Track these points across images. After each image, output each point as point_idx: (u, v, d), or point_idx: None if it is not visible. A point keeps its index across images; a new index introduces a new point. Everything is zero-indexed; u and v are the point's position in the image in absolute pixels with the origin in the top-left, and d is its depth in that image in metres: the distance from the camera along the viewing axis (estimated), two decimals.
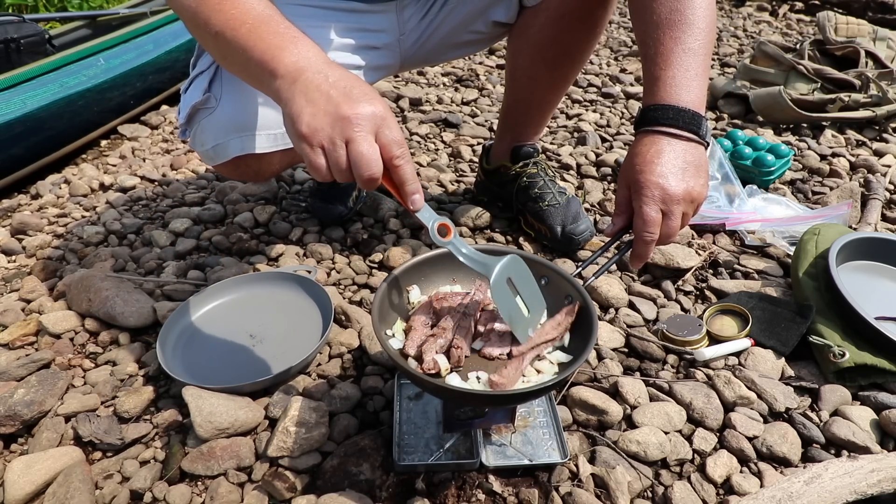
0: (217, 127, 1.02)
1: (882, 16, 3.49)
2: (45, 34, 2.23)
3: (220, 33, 0.77)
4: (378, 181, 0.68)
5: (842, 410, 0.98)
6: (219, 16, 0.77)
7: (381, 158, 0.67)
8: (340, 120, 0.66)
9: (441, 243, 0.71)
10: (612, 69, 2.74)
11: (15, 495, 0.82)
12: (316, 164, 0.67)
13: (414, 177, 0.70)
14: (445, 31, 1.24)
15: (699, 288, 1.29)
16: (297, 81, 0.70)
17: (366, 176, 0.66)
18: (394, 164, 0.68)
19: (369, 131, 0.67)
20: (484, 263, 0.74)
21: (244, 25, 0.75)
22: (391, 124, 0.69)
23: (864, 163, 1.83)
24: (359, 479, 0.84)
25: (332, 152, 0.67)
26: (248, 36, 0.74)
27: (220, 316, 1.15)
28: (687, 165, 0.85)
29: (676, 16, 0.89)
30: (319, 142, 0.67)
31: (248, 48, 0.74)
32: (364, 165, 0.66)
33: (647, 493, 0.86)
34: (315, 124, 0.67)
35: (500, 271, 0.74)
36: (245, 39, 0.74)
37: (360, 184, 0.68)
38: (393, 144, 0.68)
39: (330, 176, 0.68)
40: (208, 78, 1.05)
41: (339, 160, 0.67)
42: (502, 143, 1.50)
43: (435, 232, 0.71)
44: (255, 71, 0.74)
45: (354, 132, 0.66)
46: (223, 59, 0.85)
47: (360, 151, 0.66)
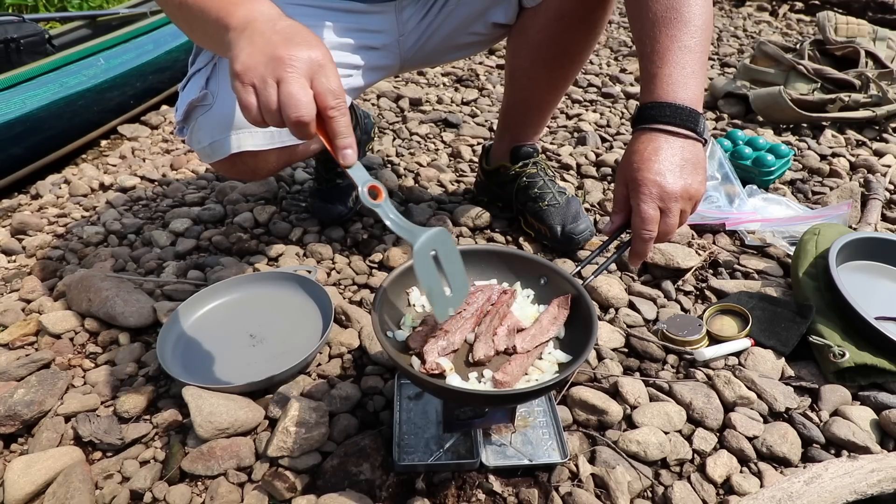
0: (213, 124, 1.02)
1: (882, 16, 3.49)
2: (45, 34, 2.23)
3: (183, 2, 0.79)
4: (308, 126, 0.66)
5: (842, 410, 0.97)
6: None
7: (316, 107, 0.66)
8: (274, 59, 0.65)
9: (371, 205, 0.69)
10: (612, 69, 2.74)
11: (15, 495, 0.82)
12: (245, 103, 0.67)
13: (349, 130, 0.68)
14: (445, 32, 1.24)
15: (699, 288, 1.29)
16: (245, 30, 0.71)
17: (293, 117, 0.64)
18: (328, 115, 0.67)
19: (303, 74, 0.66)
20: (409, 230, 0.71)
21: None
22: (329, 73, 0.67)
23: (864, 163, 1.83)
24: (359, 479, 0.84)
25: (262, 90, 0.66)
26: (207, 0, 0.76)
27: (220, 316, 1.15)
28: (685, 163, 0.85)
29: (673, 13, 0.89)
30: (251, 79, 0.66)
31: (207, 9, 0.76)
32: (292, 106, 0.64)
33: (647, 493, 0.86)
34: (249, 62, 0.66)
35: (425, 241, 0.71)
36: (204, 3, 0.76)
37: (290, 128, 0.66)
38: (328, 94, 0.66)
39: (261, 118, 0.67)
40: (205, 75, 1.05)
41: (268, 99, 0.65)
42: (502, 143, 1.50)
43: (366, 193, 0.68)
44: (213, 31, 0.76)
45: (286, 72, 0.65)
46: (190, 30, 0.87)
47: (289, 91, 0.64)
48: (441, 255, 0.73)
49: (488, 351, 0.77)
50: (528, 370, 0.77)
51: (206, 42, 0.84)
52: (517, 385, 0.74)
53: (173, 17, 0.88)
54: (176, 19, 0.87)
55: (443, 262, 0.73)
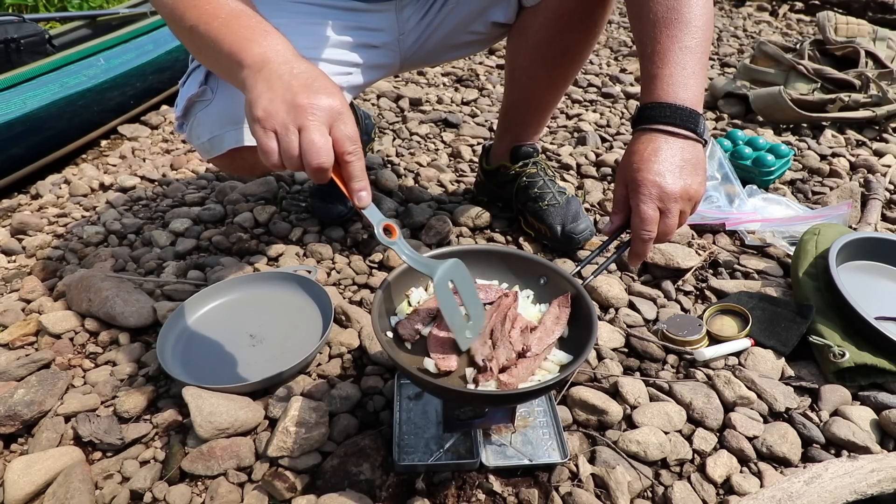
0: (213, 119, 1.03)
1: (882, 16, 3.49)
2: (45, 34, 2.23)
3: (194, 27, 0.79)
4: (327, 172, 0.68)
5: (842, 410, 0.97)
6: (193, 11, 0.79)
7: (334, 152, 0.68)
8: (296, 107, 0.68)
9: (386, 243, 0.72)
10: (612, 69, 2.74)
11: (15, 495, 0.82)
12: (267, 148, 0.68)
13: (363, 174, 0.71)
14: (445, 31, 1.24)
15: (699, 288, 1.29)
16: (261, 70, 0.71)
17: (314, 164, 0.67)
18: (345, 160, 0.70)
19: (323, 122, 0.68)
20: (427, 265, 0.75)
21: (217, 19, 0.78)
22: (347, 120, 0.70)
23: (864, 163, 1.83)
24: (359, 479, 0.84)
25: (283, 137, 0.68)
26: (219, 29, 0.77)
27: (220, 316, 1.15)
28: (684, 163, 0.85)
29: (673, 14, 0.89)
30: (273, 126, 0.68)
31: (219, 41, 0.76)
32: (314, 154, 0.66)
33: (647, 493, 0.86)
34: (271, 109, 0.68)
35: (443, 273, 0.75)
36: (217, 33, 0.77)
37: (310, 173, 0.68)
38: (346, 140, 0.69)
39: (280, 162, 0.69)
40: (205, 71, 1.05)
41: (289, 146, 0.67)
42: (502, 143, 1.50)
43: (381, 232, 0.72)
44: (224, 62, 0.76)
45: (308, 120, 0.67)
46: (197, 53, 0.87)
47: (311, 140, 0.67)
48: (458, 285, 0.76)
49: (510, 354, 0.77)
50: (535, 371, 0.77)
51: (215, 69, 0.84)
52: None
53: (181, 38, 0.87)
54: (184, 40, 0.87)
55: (460, 293, 0.77)
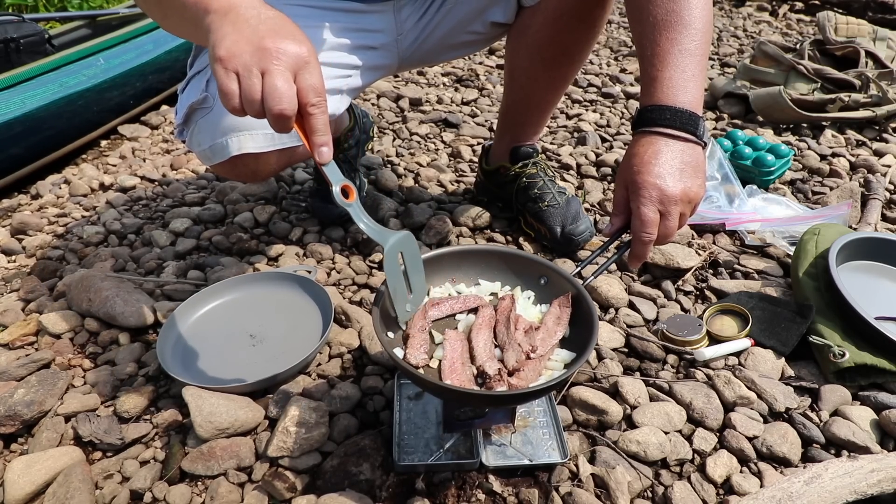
0: (214, 126, 1.02)
1: (882, 16, 3.49)
2: (45, 34, 2.23)
3: None
4: (289, 120, 0.66)
5: (842, 410, 0.98)
6: None
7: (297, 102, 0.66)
8: (261, 50, 0.65)
9: (343, 204, 0.71)
10: (612, 69, 2.74)
11: (15, 495, 0.82)
12: (227, 89, 0.66)
13: (326, 128, 0.69)
14: (443, 31, 1.24)
15: (699, 288, 1.29)
16: (228, 13, 0.70)
17: (276, 110, 0.65)
18: (308, 111, 0.67)
19: (288, 68, 0.66)
20: (379, 232, 0.75)
21: None
22: (313, 69, 0.68)
23: (864, 163, 1.83)
24: (359, 479, 0.84)
25: (245, 79, 0.65)
26: None
27: (220, 316, 1.15)
28: (684, 166, 0.86)
29: (672, 17, 0.89)
30: (235, 67, 0.66)
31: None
32: (276, 99, 0.64)
33: (647, 493, 0.86)
34: (234, 49, 0.66)
35: (394, 244, 0.75)
36: None
37: (271, 121, 0.67)
38: (310, 90, 0.67)
39: (240, 106, 0.67)
40: (205, 77, 1.05)
41: (251, 88, 0.65)
42: (502, 143, 1.50)
43: (339, 192, 0.71)
44: (190, 14, 0.74)
45: (272, 64, 0.65)
46: (164, 16, 0.85)
47: (274, 84, 0.65)
48: (406, 258, 0.77)
49: (520, 356, 0.77)
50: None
51: (182, 28, 0.82)
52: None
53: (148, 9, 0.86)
54: (150, 5, 0.85)
55: (407, 265, 0.78)
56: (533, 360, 0.77)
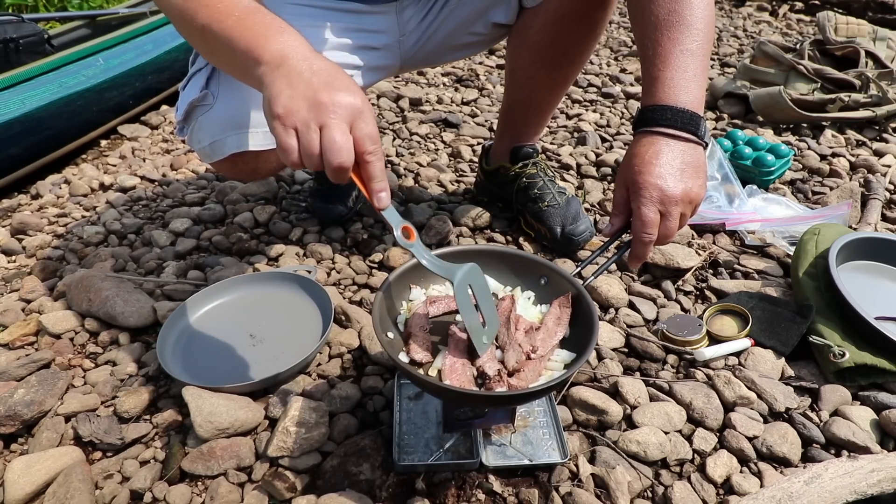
0: (214, 124, 1.02)
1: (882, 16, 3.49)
2: (45, 34, 2.23)
3: (206, 27, 0.77)
4: (347, 171, 0.67)
5: (842, 410, 0.98)
6: (205, 10, 0.78)
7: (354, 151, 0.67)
8: (317, 105, 0.66)
9: (405, 245, 0.72)
10: (612, 69, 2.74)
11: (15, 495, 0.82)
12: (286, 146, 0.67)
13: (383, 175, 0.70)
14: (445, 32, 1.24)
15: (699, 288, 1.29)
16: (280, 67, 0.70)
17: (335, 164, 0.65)
18: (365, 160, 0.68)
19: (344, 120, 0.67)
20: (446, 268, 0.74)
21: (230, 17, 0.76)
22: (368, 118, 0.69)
23: (864, 163, 1.83)
24: (359, 479, 0.84)
25: (304, 135, 0.66)
26: (234, 27, 0.75)
27: (220, 316, 1.15)
28: (685, 166, 0.85)
29: (674, 17, 0.89)
30: (293, 123, 0.66)
31: (234, 38, 0.75)
32: (335, 153, 0.65)
33: (647, 493, 0.86)
34: (291, 106, 0.67)
35: (462, 278, 0.75)
36: (231, 31, 0.75)
37: (329, 173, 0.67)
38: (367, 139, 0.68)
39: (299, 161, 0.68)
40: (206, 75, 1.05)
41: (310, 144, 0.66)
42: (502, 143, 1.50)
43: (400, 234, 0.71)
44: (240, 60, 0.75)
45: (330, 118, 0.66)
46: (210, 54, 0.85)
47: (332, 138, 0.65)
48: (475, 290, 0.76)
49: (520, 357, 0.77)
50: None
51: (230, 69, 0.83)
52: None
53: (192, 40, 0.86)
54: (194, 41, 0.85)
55: (477, 296, 0.76)
56: (533, 360, 0.77)
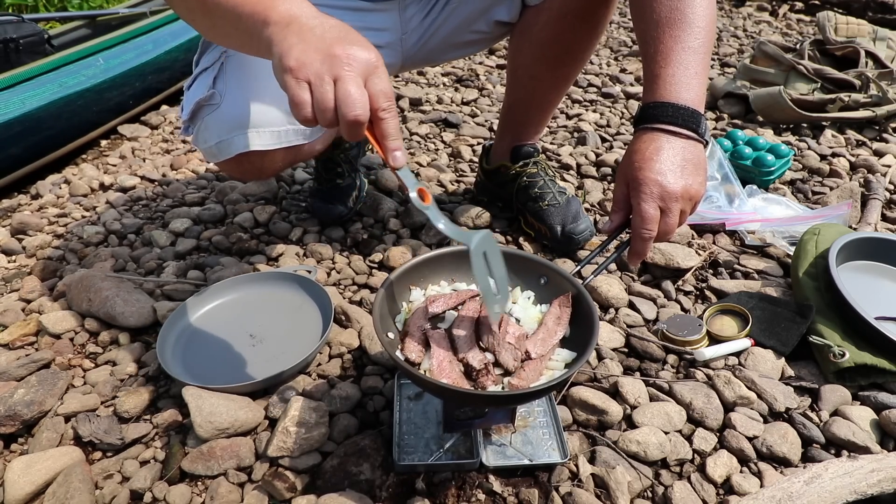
0: (221, 123, 1.02)
1: (882, 16, 3.49)
2: (45, 34, 2.23)
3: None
4: (363, 126, 0.65)
5: (842, 410, 0.97)
6: None
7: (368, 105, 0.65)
8: (331, 57, 0.64)
9: (420, 207, 0.70)
10: (612, 69, 2.74)
11: (15, 495, 0.82)
12: (299, 99, 0.65)
13: (398, 132, 0.68)
14: (447, 30, 1.24)
15: (699, 288, 1.29)
16: (290, 24, 0.68)
17: (350, 116, 0.64)
18: (379, 116, 0.66)
19: (359, 73, 0.65)
20: (461, 234, 0.73)
21: None
22: (382, 74, 0.67)
23: (864, 163, 1.83)
24: (359, 479, 0.83)
25: (318, 87, 0.64)
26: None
27: (220, 316, 1.15)
28: (685, 163, 0.86)
29: (676, 14, 0.90)
30: (306, 76, 0.64)
31: (239, 3, 0.73)
32: (350, 105, 0.63)
33: (647, 493, 0.86)
34: (304, 58, 0.64)
35: (479, 244, 0.74)
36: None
37: (344, 128, 0.65)
38: (381, 95, 0.66)
39: (312, 116, 0.66)
40: (213, 74, 1.05)
41: (324, 96, 0.64)
42: (502, 142, 1.50)
43: (416, 196, 0.70)
44: (246, 24, 0.73)
45: (344, 70, 0.64)
46: (212, 26, 0.83)
47: (347, 90, 0.63)
48: (489, 257, 0.76)
49: (516, 355, 0.77)
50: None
51: (233, 39, 0.81)
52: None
53: (190, 13, 0.84)
54: (194, 14, 0.84)
55: (490, 264, 0.76)
56: (534, 360, 0.77)
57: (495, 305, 0.76)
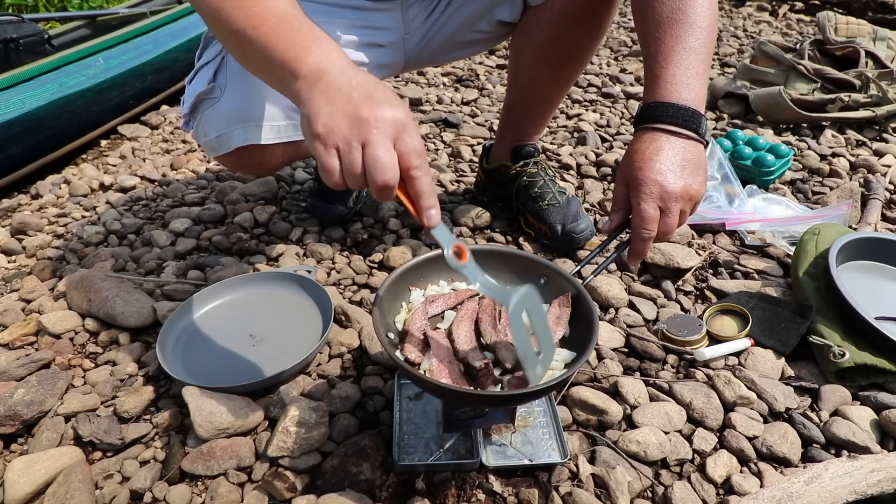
0: (221, 117, 1.02)
1: (882, 16, 3.49)
2: (45, 34, 2.23)
3: (240, 31, 0.74)
4: (393, 190, 0.63)
5: (842, 410, 0.97)
6: (240, 13, 0.73)
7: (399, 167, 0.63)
8: (359, 121, 0.63)
9: (456, 267, 0.67)
10: (612, 69, 2.74)
11: (15, 495, 0.82)
12: (328, 166, 0.63)
13: (432, 190, 0.66)
14: (450, 30, 1.25)
15: (699, 288, 1.29)
16: (318, 82, 0.67)
17: (380, 182, 0.62)
18: (411, 175, 0.64)
19: (388, 136, 0.63)
20: (500, 292, 0.70)
21: (266, 24, 0.72)
22: (412, 132, 0.65)
23: (864, 163, 1.83)
24: (359, 479, 0.83)
25: (346, 154, 0.63)
26: (269, 34, 0.71)
27: (220, 316, 1.15)
28: (685, 163, 0.86)
29: (678, 15, 0.90)
30: (335, 142, 0.63)
31: (270, 47, 0.71)
32: (379, 170, 0.61)
33: (647, 493, 0.86)
34: (332, 124, 0.63)
35: (518, 303, 0.69)
36: (266, 38, 0.71)
37: (374, 192, 0.63)
38: (412, 153, 0.64)
39: (342, 181, 0.64)
40: (213, 68, 1.05)
41: (353, 162, 0.62)
42: (503, 142, 1.50)
43: (451, 255, 0.67)
44: (276, 71, 0.71)
45: (373, 135, 0.62)
46: (243, 58, 0.82)
47: (376, 155, 0.61)
48: (531, 315, 0.71)
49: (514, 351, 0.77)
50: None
51: (264, 76, 0.79)
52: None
53: (226, 43, 0.82)
54: (228, 45, 0.81)
55: (533, 322, 0.71)
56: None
57: (537, 367, 0.70)
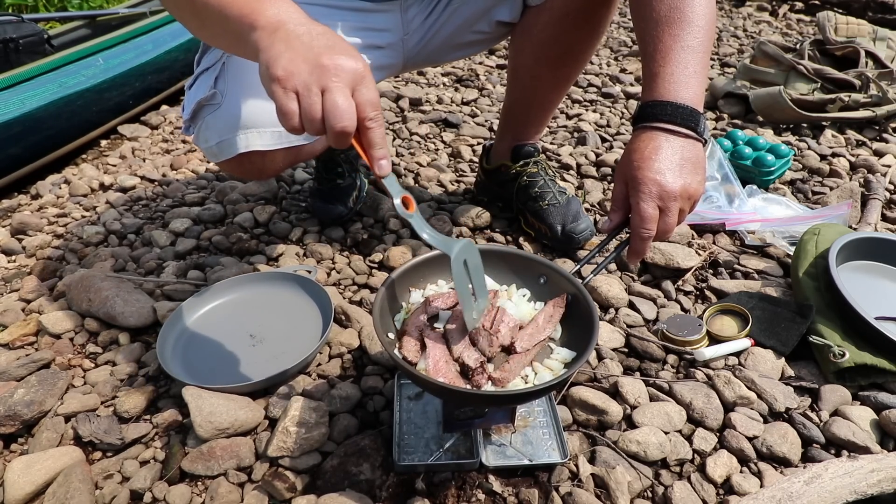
0: (222, 123, 1.02)
1: (882, 16, 3.49)
2: (44, 34, 2.23)
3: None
4: (349, 136, 0.66)
5: (842, 410, 0.97)
6: None
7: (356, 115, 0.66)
8: (319, 67, 0.65)
9: (404, 215, 0.71)
10: (612, 69, 2.74)
11: (15, 495, 0.82)
12: (287, 109, 0.65)
13: (384, 141, 0.69)
14: (449, 30, 1.24)
15: (699, 288, 1.29)
16: (277, 31, 0.69)
17: (338, 128, 0.64)
18: (366, 126, 0.67)
19: (347, 84, 0.65)
20: (444, 241, 0.74)
21: None
22: (369, 84, 0.67)
23: (864, 163, 1.83)
24: (359, 479, 0.83)
25: (305, 98, 0.64)
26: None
27: (220, 316, 1.15)
28: (684, 162, 0.86)
29: (676, 13, 0.90)
30: (294, 86, 0.65)
31: (226, 4, 0.73)
32: (338, 116, 0.64)
33: (647, 493, 0.86)
34: (292, 68, 0.65)
35: (459, 252, 0.74)
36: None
37: (331, 137, 0.66)
38: (368, 104, 0.67)
39: (300, 125, 0.66)
40: (214, 74, 1.05)
41: (312, 107, 0.64)
42: (503, 142, 1.50)
43: (400, 204, 0.71)
44: (233, 27, 0.73)
45: (332, 82, 0.64)
46: (200, 26, 0.83)
47: (335, 101, 0.64)
48: (469, 265, 0.77)
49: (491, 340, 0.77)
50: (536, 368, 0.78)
51: (221, 40, 0.81)
52: (514, 383, 0.75)
53: (180, 11, 0.84)
54: (184, 13, 0.84)
55: (470, 271, 0.77)
56: (519, 354, 0.77)
57: (473, 312, 0.77)
